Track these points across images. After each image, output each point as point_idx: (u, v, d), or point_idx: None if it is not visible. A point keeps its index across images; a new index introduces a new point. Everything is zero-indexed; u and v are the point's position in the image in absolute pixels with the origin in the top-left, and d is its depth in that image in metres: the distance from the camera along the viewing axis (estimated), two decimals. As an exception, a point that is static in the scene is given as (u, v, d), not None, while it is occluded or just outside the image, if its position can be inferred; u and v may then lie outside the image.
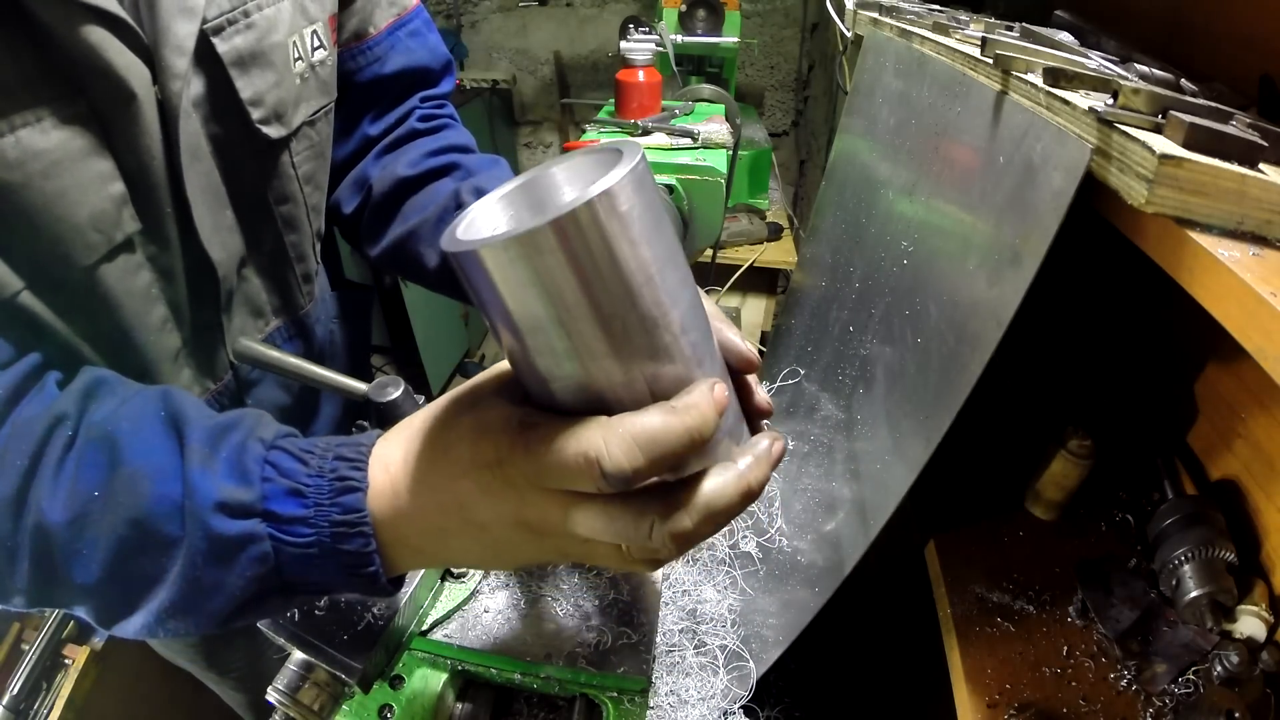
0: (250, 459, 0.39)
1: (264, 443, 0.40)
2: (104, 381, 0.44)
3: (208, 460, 0.39)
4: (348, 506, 0.37)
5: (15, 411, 0.40)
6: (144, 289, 0.51)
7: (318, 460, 0.39)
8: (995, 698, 0.73)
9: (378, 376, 0.58)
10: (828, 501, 0.86)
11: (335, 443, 0.40)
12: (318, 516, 0.38)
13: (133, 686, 1.27)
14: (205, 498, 0.38)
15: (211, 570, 0.38)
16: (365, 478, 0.38)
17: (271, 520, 0.38)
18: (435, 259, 0.69)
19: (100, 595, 0.41)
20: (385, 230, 0.72)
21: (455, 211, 0.66)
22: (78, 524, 0.38)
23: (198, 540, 0.38)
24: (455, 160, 0.72)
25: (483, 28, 2.99)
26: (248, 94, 0.54)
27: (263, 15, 0.54)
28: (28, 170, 0.41)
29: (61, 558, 0.39)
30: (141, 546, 0.39)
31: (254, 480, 0.38)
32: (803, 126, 2.93)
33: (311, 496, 0.38)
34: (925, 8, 0.96)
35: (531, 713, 0.68)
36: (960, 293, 0.63)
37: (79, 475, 0.39)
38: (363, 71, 0.70)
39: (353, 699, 0.60)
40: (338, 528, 0.37)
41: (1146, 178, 0.39)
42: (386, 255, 0.73)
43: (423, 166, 0.71)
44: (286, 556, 0.38)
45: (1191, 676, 0.72)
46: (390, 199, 0.72)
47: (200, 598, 0.39)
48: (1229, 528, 0.78)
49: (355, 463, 0.38)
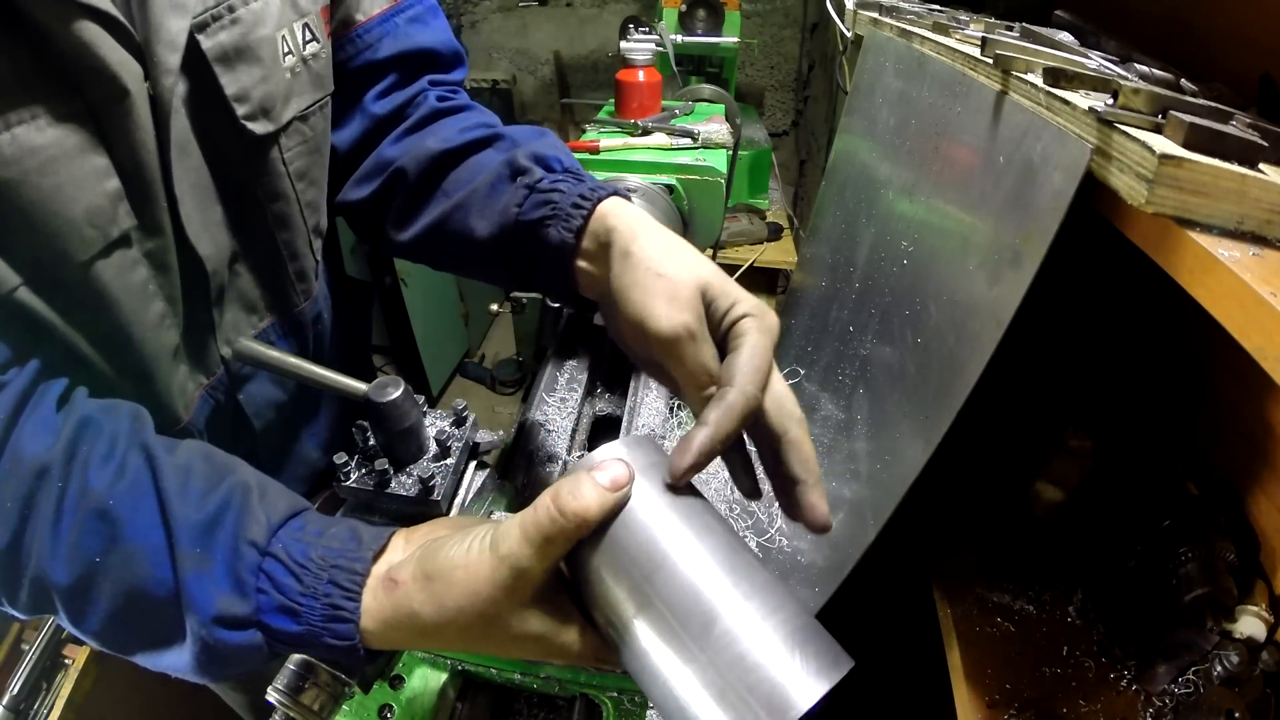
0: (244, 569, 0.42)
1: (256, 548, 0.42)
2: (90, 422, 0.45)
3: (201, 563, 0.41)
4: (339, 634, 0.41)
5: (12, 437, 0.42)
6: (141, 285, 0.51)
7: (312, 579, 0.42)
8: (995, 698, 0.73)
9: (378, 376, 0.58)
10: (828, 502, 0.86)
11: (331, 559, 0.42)
12: (309, 635, 0.41)
13: (133, 686, 1.27)
14: (204, 610, 0.41)
15: (215, 664, 0.43)
16: (358, 609, 0.41)
17: (265, 631, 0.42)
18: (487, 229, 0.61)
19: (101, 641, 0.45)
20: (422, 210, 0.67)
21: (510, 180, 0.61)
22: (80, 587, 0.42)
23: (198, 647, 0.42)
24: (496, 131, 0.67)
25: (483, 28, 2.99)
26: (232, 90, 0.54)
27: (249, 10, 0.54)
28: (23, 167, 0.41)
29: (65, 609, 0.43)
30: (142, 615, 0.42)
31: (249, 592, 0.41)
32: (803, 126, 2.93)
33: (304, 616, 0.41)
34: (925, 8, 0.96)
35: (531, 713, 0.68)
36: (960, 293, 0.63)
37: (80, 541, 0.41)
38: (354, 59, 0.68)
39: (353, 699, 0.60)
40: (328, 641, 0.41)
41: (1146, 178, 0.39)
42: (422, 238, 0.67)
43: (461, 139, 0.66)
44: (279, 646, 0.43)
45: (1191, 676, 0.72)
46: (427, 176, 0.66)
47: (207, 675, 0.44)
48: (1229, 528, 0.78)
49: (349, 593, 0.41)
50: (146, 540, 0.42)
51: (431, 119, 0.70)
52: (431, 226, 0.66)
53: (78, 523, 0.42)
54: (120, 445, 0.45)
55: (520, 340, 1.21)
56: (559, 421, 0.86)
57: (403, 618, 0.40)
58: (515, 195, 0.60)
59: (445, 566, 0.39)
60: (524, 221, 0.59)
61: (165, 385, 0.56)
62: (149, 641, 0.44)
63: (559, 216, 0.57)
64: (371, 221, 0.72)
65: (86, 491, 0.42)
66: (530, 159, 0.62)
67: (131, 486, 0.43)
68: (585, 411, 0.92)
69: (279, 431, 0.71)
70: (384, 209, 0.70)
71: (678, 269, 0.48)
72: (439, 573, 0.40)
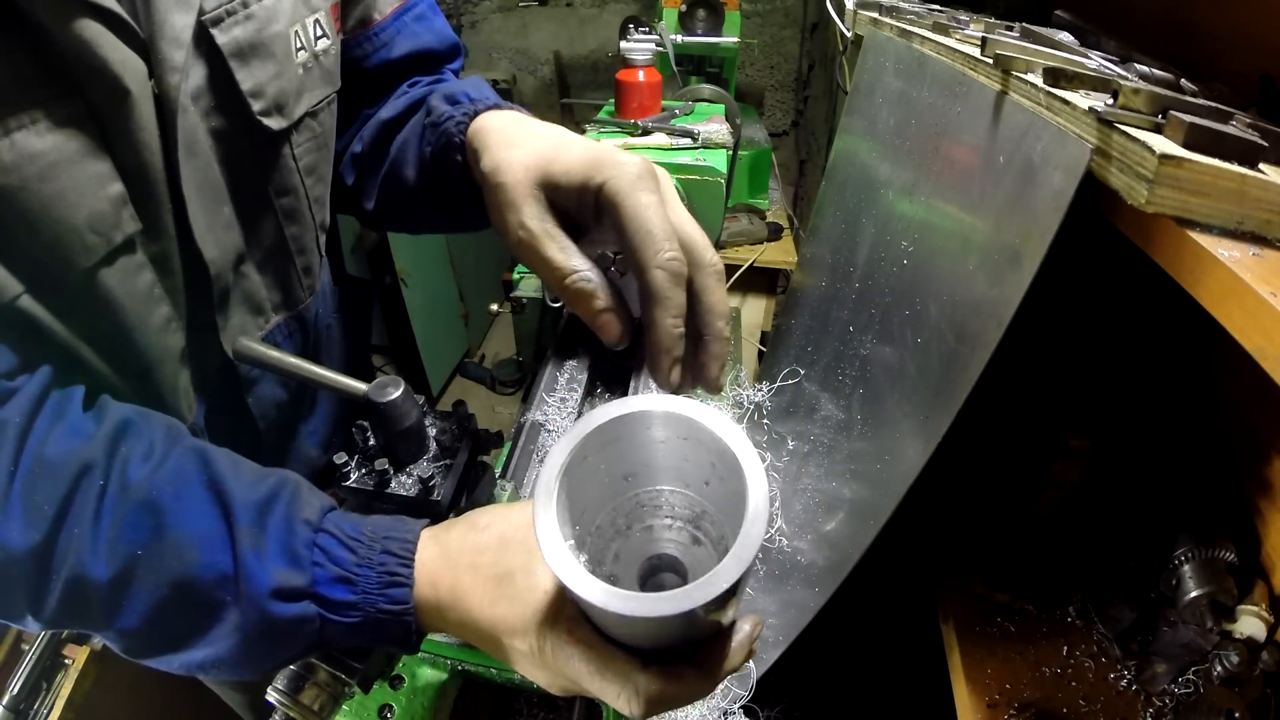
0: (299, 543, 0.42)
1: (310, 525, 0.43)
2: (129, 425, 0.45)
3: (257, 541, 0.42)
4: (395, 599, 0.42)
5: (33, 436, 0.42)
6: (145, 289, 0.51)
7: (365, 550, 0.43)
8: (995, 698, 0.73)
9: (378, 376, 0.58)
10: (828, 501, 0.86)
11: (381, 533, 0.44)
12: (365, 602, 0.42)
13: (133, 686, 1.27)
14: (261, 584, 0.41)
15: (263, 644, 0.42)
16: (412, 574, 0.42)
17: (321, 603, 0.42)
18: (412, 175, 0.65)
19: (135, 639, 0.44)
20: (376, 175, 0.70)
21: (426, 117, 0.63)
22: (121, 580, 0.41)
23: (253, 622, 0.41)
24: (430, 89, 0.69)
25: (483, 28, 2.99)
26: (248, 85, 0.54)
27: (262, 5, 0.54)
28: (24, 174, 0.41)
29: (101, 608, 0.42)
30: (186, 606, 0.42)
31: (305, 565, 0.42)
32: (803, 126, 2.93)
33: (360, 585, 0.42)
34: (925, 8, 0.96)
35: (531, 713, 0.68)
36: (960, 293, 0.63)
37: (120, 535, 0.41)
38: (370, 58, 0.70)
39: (353, 699, 0.60)
40: (383, 614, 0.42)
41: (1147, 178, 0.39)
42: (380, 204, 0.71)
43: (400, 106, 0.69)
44: (331, 630, 0.43)
45: (1191, 676, 0.72)
46: (376, 146, 0.70)
47: (247, 661, 0.43)
48: (1229, 528, 0.78)
49: (403, 560, 0.42)
50: (193, 527, 0.42)
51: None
52: (381, 188, 0.69)
53: (119, 517, 0.41)
54: (159, 446, 0.45)
55: (520, 340, 1.21)
56: (559, 421, 0.86)
57: (457, 613, 0.42)
58: (427, 136, 0.62)
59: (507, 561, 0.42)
60: (432, 157, 0.61)
61: (170, 386, 0.56)
62: (187, 634, 0.43)
63: (450, 145, 0.58)
64: (355, 201, 0.75)
65: (127, 486, 0.42)
66: (442, 99, 0.63)
67: (174, 476, 0.43)
68: (585, 411, 0.91)
69: (280, 431, 0.71)
70: (359, 192, 0.73)
71: (511, 168, 0.47)
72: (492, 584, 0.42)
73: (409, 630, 0.43)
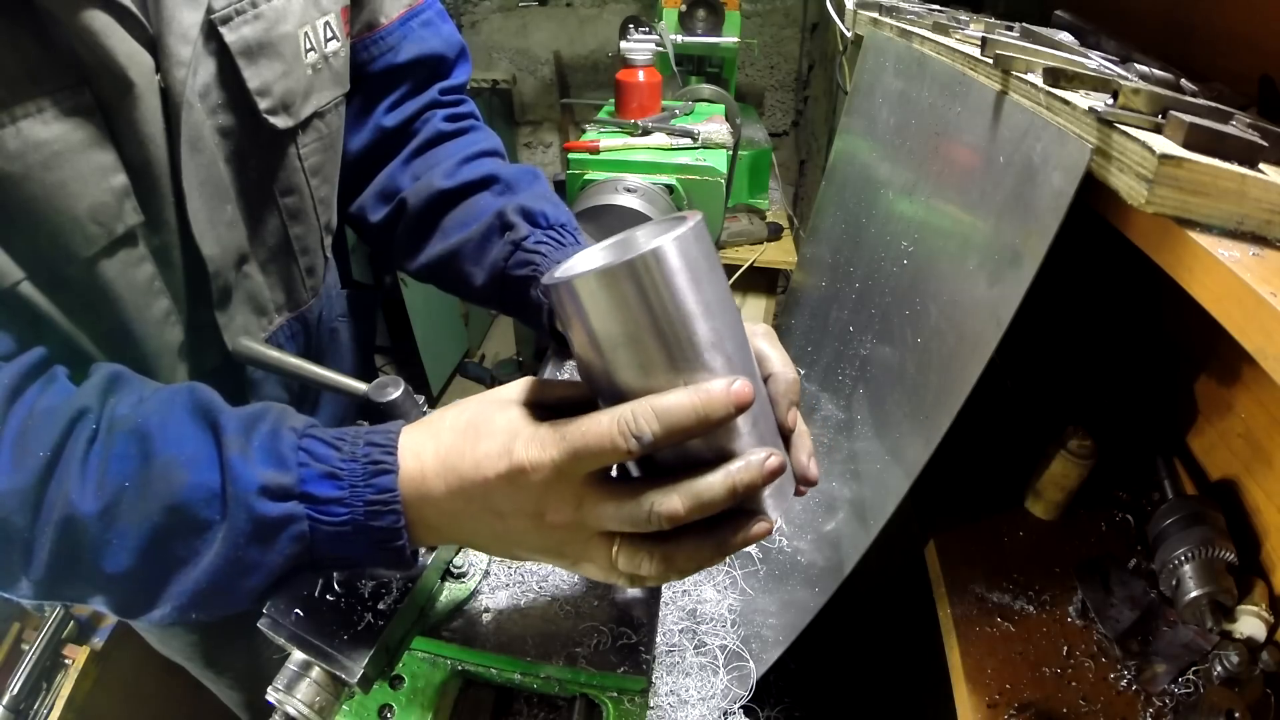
0: (285, 446, 0.42)
1: (295, 431, 0.43)
2: (121, 375, 0.45)
3: (244, 448, 0.41)
4: (381, 487, 0.41)
5: (23, 400, 0.41)
6: (145, 282, 0.51)
7: (349, 446, 0.42)
8: (995, 698, 0.73)
9: (378, 376, 0.58)
10: (828, 501, 0.86)
11: (363, 431, 0.43)
12: (352, 497, 0.41)
13: (133, 686, 1.27)
14: (248, 483, 0.40)
15: (253, 550, 0.41)
16: (396, 461, 0.41)
17: (309, 501, 0.41)
18: (482, 277, 0.69)
19: (126, 582, 0.42)
20: (424, 245, 0.72)
21: (500, 234, 0.68)
22: (109, 514, 0.40)
23: (241, 523, 0.40)
24: (492, 172, 0.72)
25: (483, 28, 2.99)
26: (255, 84, 0.54)
27: (271, 6, 0.54)
28: (28, 161, 0.41)
29: (91, 548, 0.41)
30: (175, 532, 0.41)
31: (291, 465, 0.41)
32: (803, 126, 2.93)
33: (346, 479, 0.41)
34: (925, 8, 0.96)
35: (531, 713, 0.68)
36: (960, 293, 0.63)
37: (108, 467, 0.40)
38: (376, 61, 0.70)
39: (353, 699, 0.60)
40: (371, 506, 0.41)
41: (1146, 178, 0.39)
42: (425, 269, 0.74)
43: (459, 178, 0.70)
44: (321, 535, 0.42)
45: (1191, 676, 0.72)
46: (428, 213, 0.71)
47: (239, 577, 0.42)
48: (1229, 528, 0.78)
49: (386, 448, 0.42)
50: (180, 449, 0.41)
51: (437, 141, 0.75)
52: (432, 264, 0.72)
53: (107, 450, 0.41)
54: (148, 390, 0.45)
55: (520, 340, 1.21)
56: (559, 421, 0.86)
57: (444, 471, 0.41)
58: (503, 250, 0.67)
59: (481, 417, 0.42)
60: (510, 276, 0.67)
61: (167, 381, 0.56)
62: (178, 562, 0.42)
63: (539, 278, 0.64)
64: (383, 243, 0.77)
65: (114, 421, 0.42)
66: (518, 214, 0.67)
67: (160, 405, 0.43)
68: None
69: None
70: (392, 235, 0.75)
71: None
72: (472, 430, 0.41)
73: (398, 533, 0.41)
